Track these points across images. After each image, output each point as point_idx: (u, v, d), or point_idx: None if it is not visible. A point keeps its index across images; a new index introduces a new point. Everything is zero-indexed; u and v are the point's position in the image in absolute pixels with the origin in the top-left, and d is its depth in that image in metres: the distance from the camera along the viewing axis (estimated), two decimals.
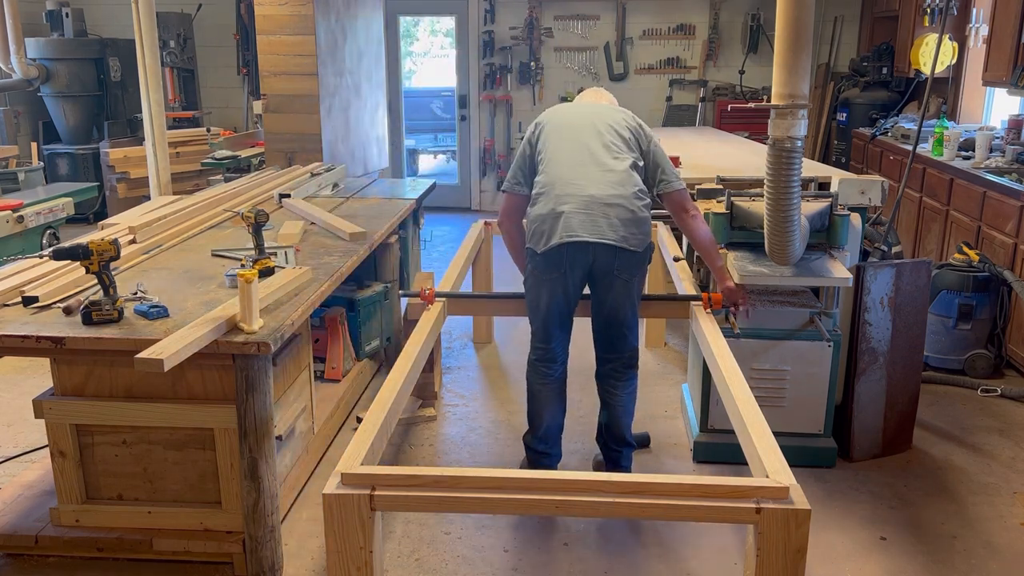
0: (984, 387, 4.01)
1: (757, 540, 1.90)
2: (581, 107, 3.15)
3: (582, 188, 2.82)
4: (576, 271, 2.86)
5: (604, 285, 2.90)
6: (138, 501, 2.69)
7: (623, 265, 2.85)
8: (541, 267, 2.87)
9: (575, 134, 2.95)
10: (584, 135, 2.94)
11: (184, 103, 7.99)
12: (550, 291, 2.90)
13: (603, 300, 2.94)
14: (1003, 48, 5.06)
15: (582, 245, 2.79)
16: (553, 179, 2.87)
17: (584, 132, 2.95)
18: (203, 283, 2.88)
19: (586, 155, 2.89)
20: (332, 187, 4.81)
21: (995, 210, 4.44)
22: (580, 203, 2.80)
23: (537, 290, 2.93)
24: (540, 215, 2.85)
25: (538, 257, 2.86)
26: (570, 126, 2.99)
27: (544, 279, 2.89)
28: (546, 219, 2.83)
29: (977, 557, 2.76)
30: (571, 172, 2.86)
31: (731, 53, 8.02)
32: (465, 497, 1.98)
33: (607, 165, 2.87)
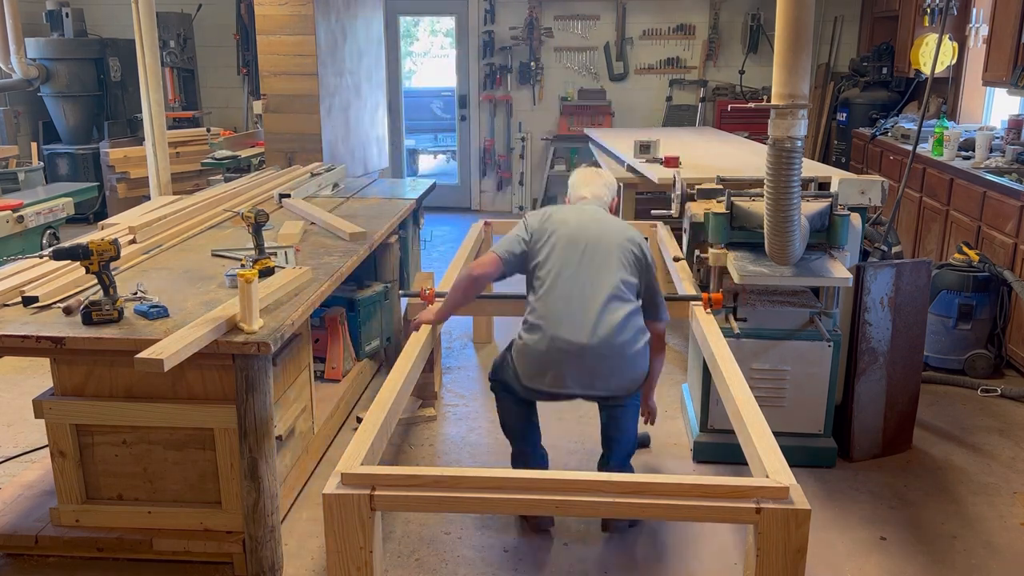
0: (984, 387, 4.01)
1: (757, 540, 1.90)
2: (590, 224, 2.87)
3: (577, 335, 2.65)
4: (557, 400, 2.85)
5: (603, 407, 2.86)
6: (138, 501, 2.69)
7: (616, 403, 2.81)
8: (521, 393, 2.82)
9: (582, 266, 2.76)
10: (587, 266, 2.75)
11: (184, 103, 7.99)
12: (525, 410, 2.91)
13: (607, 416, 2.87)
14: (1003, 48, 5.06)
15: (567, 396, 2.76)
16: (549, 312, 2.70)
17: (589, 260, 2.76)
18: (203, 283, 2.88)
19: (587, 292, 2.71)
20: (332, 187, 4.81)
21: (995, 210, 4.44)
22: (575, 352, 2.65)
23: (512, 408, 2.91)
24: (530, 348, 2.72)
25: (520, 384, 2.78)
26: (575, 248, 2.78)
27: (522, 401, 2.87)
28: (539, 358, 2.70)
29: (977, 557, 2.76)
30: (568, 310, 2.69)
31: (731, 53, 8.02)
32: (465, 497, 1.98)
33: (606, 311, 2.69)
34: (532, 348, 2.73)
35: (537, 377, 2.73)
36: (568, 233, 2.82)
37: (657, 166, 4.84)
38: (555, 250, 2.80)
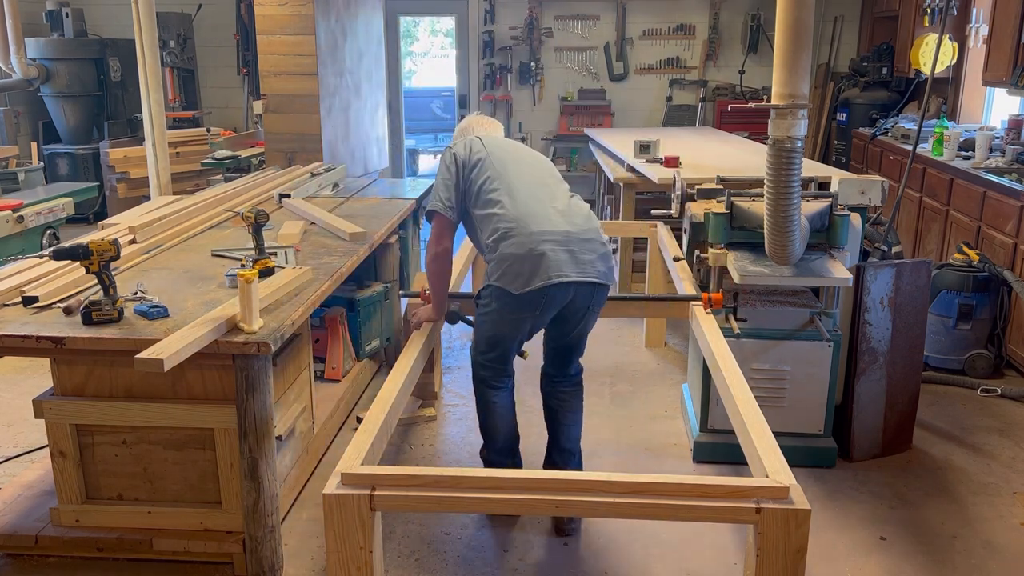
0: (984, 387, 4.01)
1: (757, 540, 1.90)
2: (510, 143, 2.99)
3: (556, 224, 2.68)
4: (551, 310, 2.74)
5: (574, 320, 2.81)
6: (138, 501, 2.69)
7: (597, 301, 2.80)
8: (512, 306, 2.70)
9: (527, 169, 2.85)
10: (536, 171, 2.87)
11: (184, 103, 7.99)
12: (518, 328, 2.77)
13: (568, 331, 2.85)
14: (1003, 48, 5.06)
15: (565, 285, 2.67)
16: (520, 215, 2.69)
17: (535, 168, 2.88)
18: (203, 283, 2.88)
19: (547, 192, 2.79)
20: (332, 187, 4.81)
21: (995, 210, 4.44)
22: (560, 240, 2.67)
23: (501, 326, 2.78)
24: (515, 255, 2.65)
25: (510, 297, 2.68)
26: (516, 160, 2.86)
27: (512, 318, 2.74)
28: (524, 259, 2.64)
29: (977, 557, 2.76)
30: (539, 208, 2.72)
31: (731, 53, 8.02)
32: (465, 497, 1.98)
33: (571, 202, 2.80)
34: (514, 249, 2.66)
35: (533, 276, 2.63)
36: (499, 152, 2.87)
37: (657, 166, 4.84)
38: (495, 167, 2.82)
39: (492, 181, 2.80)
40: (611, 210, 6.09)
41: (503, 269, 2.68)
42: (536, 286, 2.63)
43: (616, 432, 3.62)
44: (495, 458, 3.01)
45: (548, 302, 2.69)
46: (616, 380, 4.18)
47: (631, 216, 5.10)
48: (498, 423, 2.95)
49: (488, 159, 2.85)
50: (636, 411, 3.84)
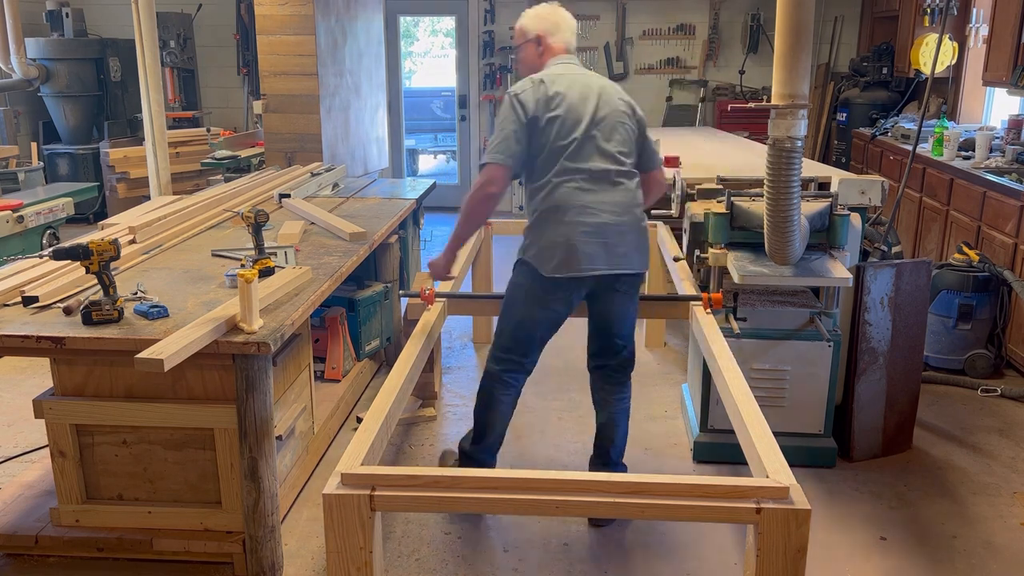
0: (984, 387, 4.01)
1: (757, 540, 1.90)
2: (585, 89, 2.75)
3: (596, 216, 2.68)
4: (579, 296, 2.79)
5: (604, 299, 2.84)
6: (138, 501, 2.69)
7: (625, 285, 2.82)
8: (541, 288, 2.73)
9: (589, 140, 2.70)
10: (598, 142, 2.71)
11: (184, 103, 7.99)
12: (546, 314, 2.78)
13: (601, 311, 2.88)
14: (1003, 48, 5.06)
15: (592, 276, 2.71)
16: (566, 200, 2.68)
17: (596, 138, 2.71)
18: (203, 283, 2.88)
19: (599, 173, 2.70)
20: (332, 187, 4.81)
21: (995, 210, 4.44)
22: (595, 232, 2.68)
23: (531, 309, 2.78)
24: (551, 240, 2.68)
25: (541, 279, 2.71)
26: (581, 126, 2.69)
27: (540, 298, 2.75)
28: (557, 247, 2.67)
29: (977, 557, 2.76)
30: (585, 196, 2.68)
31: (731, 53, 8.02)
32: (465, 497, 1.98)
33: (619, 186, 2.74)
34: (550, 233, 2.68)
35: (563, 265, 2.66)
36: (571, 112, 2.69)
37: None
38: (559, 133, 2.68)
39: (551, 148, 2.69)
40: None
41: (538, 249, 2.72)
42: (564, 275, 2.68)
43: None
44: (479, 455, 2.98)
45: (576, 289, 2.75)
46: None
47: None
48: (495, 422, 2.94)
49: (556, 122, 2.68)
50: (636, 411, 3.82)
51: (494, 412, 2.92)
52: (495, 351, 2.90)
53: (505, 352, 2.87)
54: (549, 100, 2.70)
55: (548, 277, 2.70)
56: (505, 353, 2.87)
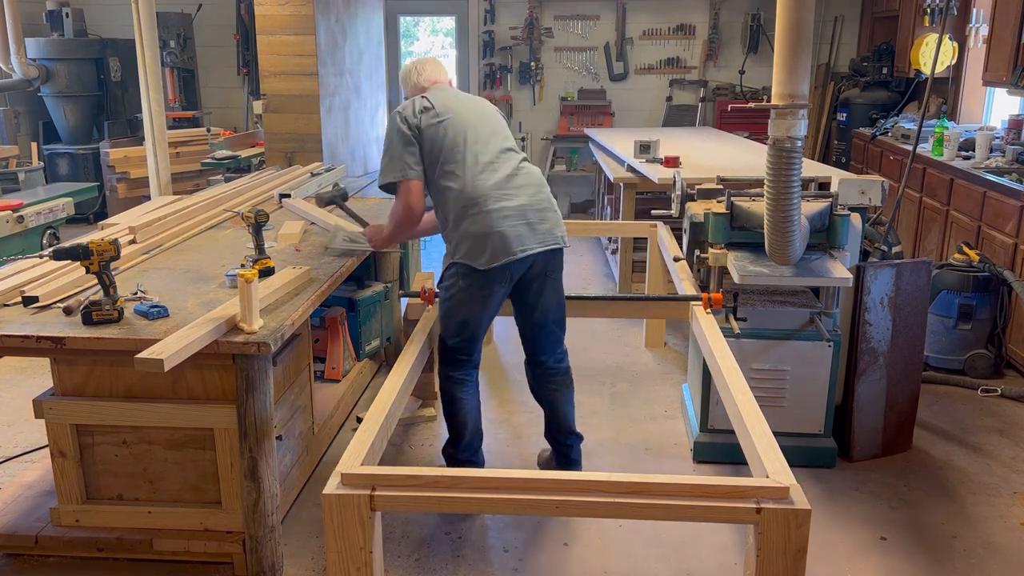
0: (984, 387, 4.01)
1: (757, 540, 1.90)
2: (463, 101, 2.92)
3: (514, 200, 2.76)
4: (513, 281, 2.84)
5: (535, 289, 2.88)
6: (138, 501, 2.69)
7: (554, 265, 2.88)
8: (479, 284, 2.77)
9: (480, 135, 2.83)
10: (491, 139, 2.85)
11: (184, 103, 7.99)
12: (485, 307, 2.84)
13: (534, 304, 2.92)
14: (1003, 48, 5.06)
15: (525, 257, 2.76)
16: (480, 192, 2.74)
17: (489, 135, 2.85)
18: (203, 283, 2.88)
19: (503, 162, 2.82)
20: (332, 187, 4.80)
21: (995, 210, 4.44)
22: (517, 215, 2.75)
23: (470, 306, 2.83)
24: (476, 233, 2.73)
25: (476, 274, 2.75)
26: (471, 127, 2.82)
27: (480, 295, 2.80)
28: (486, 237, 2.72)
29: (977, 557, 2.76)
30: (495, 182, 2.76)
31: (731, 53, 8.02)
32: (465, 497, 1.98)
33: (523, 170, 2.86)
34: (474, 228, 2.74)
35: (498, 253, 2.72)
36: (452, 117, 2.82)
37: (657, 166, 4.84)
38: (449, 135, 2.79)
39: (447, 151, 2.79)
40: (611, 210, 6.09)
41: (467, 247, 2.76)
42: (501, 262, 2.73)
43: (616, 432, 3.62)
44: (461, 455, 3.05)
45: (511, 274, 2.80)
46: (616, 380, 4.18)
47: (631, 216, 5.10)
48: (466, 420, 3.00)
49: (442, 126, 2.80)
50: (636, 411, 3.84)
51: (460, 412, 2.99)
52: (443, 355, 2.97)
53: (454, 354, 2.94)
54: (427, 112, 2.82)
55: (484, 270, 2.74)
56: (454, 355, 2.94)
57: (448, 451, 3.09)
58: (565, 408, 3.08)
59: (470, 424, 3.01)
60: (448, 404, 3.00)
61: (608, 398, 3.97)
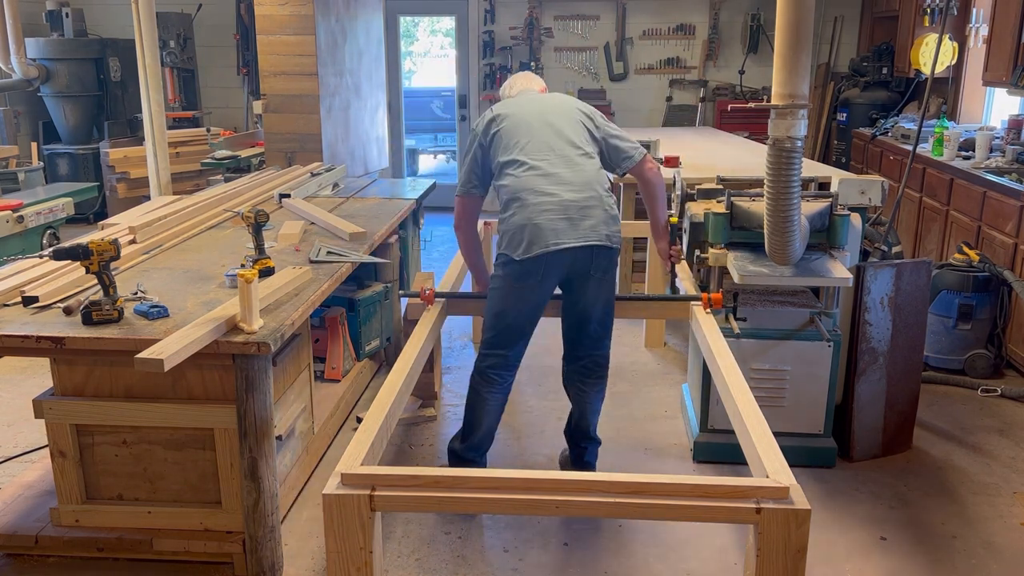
0: (984, 387, 4.01)
1: (757, 540, 1.90)
2: (533, 103, 3.02)
3: (556, 195, 2.77)
4: (552, 278, 2.82)
5: (579, 285, 2.87)
6: (138, 501, 2.69)
7: (600, 264, 2.84)
8: (515, 274, 2.80)
9: (535, 131, 2.89)
10: (547, 135, 2.89)
11: (184, 103, 7.98)
12: (522, 299, 2.84)
13: (576, 300, 2.91)
14: (1003, 48, 5.06)
15: (560, 253, 2.75)
16: (524, 186, 2.80)
17: (546, 132, 2.89)
18: (203, 283, 2.88)
19: (554, 158, 2.84)
20: (332, 187, 4.81)
21: (995, 210, 4.44)
22: (557, 210, 2.76)
23: (507, 298, 2.85)
24: (516, 225, 2.78)
25: (513, 264, 2.79)
26: (529, 126, 2.90)
27: (517, 286, 2.82)
28: (523, 229, 2.76)
29: (977, 557, 2.76)
30: (542, 180, 2.80)
31: (731, 53, 8.02)
32: (465, 497, 1.98)
33: (577, 166, 2.85)
34: (516, 220, 2.79)
35: (532, 244, 2.75)
36: (516, 118, 2.94)
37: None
38: (510, 134, 2.90)
39: (502, 154, 2.90)
40: None
41: (508, 238, 2.82)
42: (534, 253, 2.75)
43: (616, 432, 3.62)
44: (466, 454, 3.04)
45: (547, 269, 2.78)
46: (616, 380, 4.18)
47: (631, 216, 5.09)
48: (483, 420, 2.98)
49: (501, 131, 2.92)
50: (636, 411, 3.84)
51: (480, 410, 2.97)
52: (481, 348, 2.98)
53: (489, 347, 2.94)
54: (491, 121, 2.96)
55: (520, 260, 2.77)
56: (489, 348, 2.94)
57: (454, 445, 3.08)
58: (588, 411, 3.07)
59: (485, 426, 2.99)
60: (471, 398, 2.99)
61: (608, 398, 3.94)
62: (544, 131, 2.90)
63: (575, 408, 3.10)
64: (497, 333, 2.90)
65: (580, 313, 2.94)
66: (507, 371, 2.94)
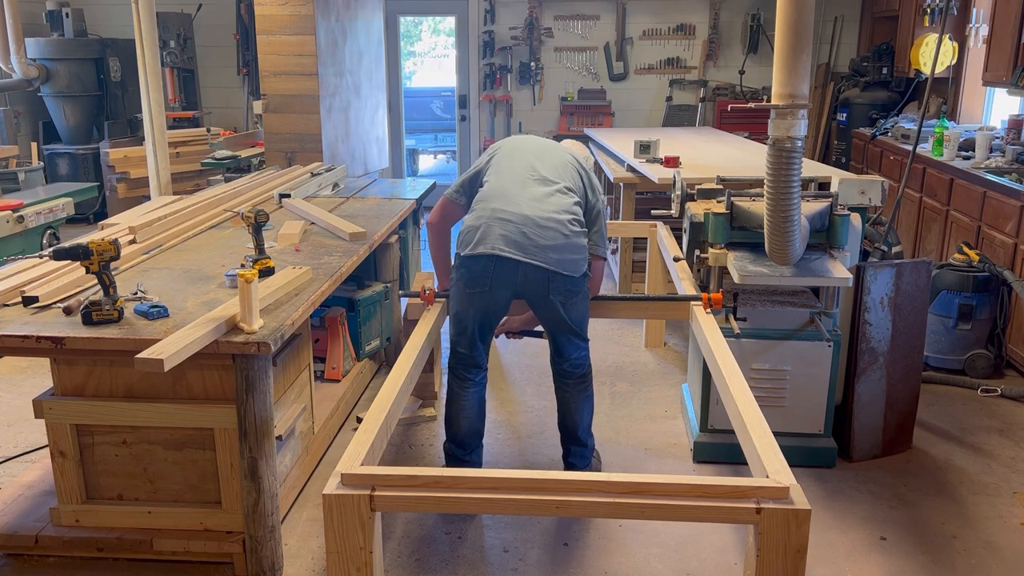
0: (984, 387, 4.01)
1: (757, 540, 1.90)
2: (536, 140, 3.16)
3: (518, 206, 2.81)
4: (502, 290, 2.82)
5: (540, 304, 2.90)
6: (138, 501, 2.69)
7: (559, 288, 2.82)
8: (465, 279, 2.84)
9: (523, 156, 3.00)
10: (532, 159, 2.99)
11: (184, 103, 7.99)
12: (473, 305, 2.87)
13: (545, 319, 2.95)
14: (1003, 48, 5.06)
15: (509, 263, 2.77)
16: (491, 192, 2.89)
17: (532, 156, 3.00)
18: (203, 283, 2.88)
19: (528, 177, 2.91)
20: (332, 187, 4.81)
21: (995, 210, 4.44)
22: (515, 220, 2.78)
23: (462, 304, 2.90)
24: (471, 225, 2.85)
25: (463, 266, 2.84)
26: (521, 150, 3.03)
27: (467, 292, 2.86)
28: (476, 229, 2.82)
29: (977, 557, 2.76)
30: (510, 188, 2.87)
31: (731, 53, 8.02)
32: (465, 497, 1.98)
33: (548, 189, 2.88)
34: (474, 220, 2.86)
35: (479, 243, 2.79)
36: (514, 144, 3.08)
37: (657, 166, 4.84)
38: (498, 159, 3.02)
39: (487, 173, 3.01)
40: (611, 210, 6.10)
41: (461, 237, 2.88)
42: (477, 251, 2.78)
43: (616, 432, 3.62)
44: (455, 452, 3.08)
45: (494, 280, 2.80)
46: (616, 380, 4.18)
47: (631, 216, 5.10)
48: (459, 416, 3.03)
49: (499, 154, 3.04)
50: (636, 411, 3.84)
51: (456, 407, 3.03)
52: (450, 346, 3.04)
53: (454, 346, 3.01)
54: (498, 146, 3.10)
55: (466, 256, 2.81)
56: (454, 347, 3.01)
57: (446, 446, 3.13)
58: (573, 412, 3.08)
59: (464, 424, 3.04)
60: (448, 398, 3.06)
61: (608, 398, 3.97)
62: (534, 159, 2.99)
63: (559, 407, 3.13)
64: (458, 333, 2.98)
65: (553, 328, 2.97)
66: (476, 368, 3.01)
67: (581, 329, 2.98)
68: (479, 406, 3.06)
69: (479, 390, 3.04)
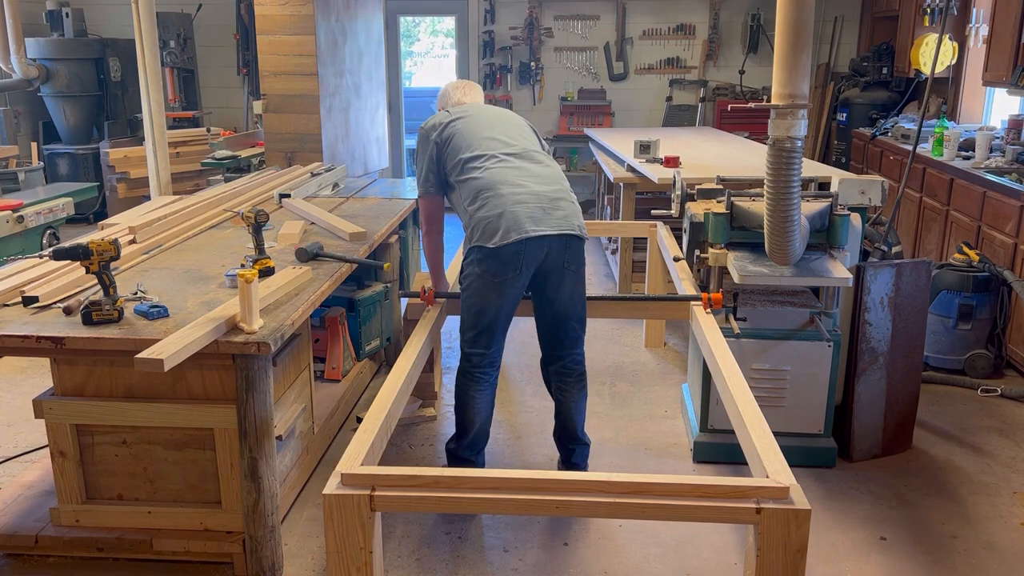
0: (984, 387, 4.01)
1: (757, 540, 1.90)
2: (488, 109, 3.15)
3: (527, 186, 2.83)
4: (529, 270, 2.81)
5: (554, 281, 2.86)
6: (138, 501, 2.69)
7: (573, 256, 2.86)
8: (493, 268, 2.77)
9: (501, 135, 2.98)
10: (510, 135, 3.00)
11: (184, 103, 7.99)
12: (502, 294, 2.81)
13: (553, 298, 2.90)
14: (1003, 48, 5.06)
15: (537, 242, 2.76)
16: (496, 178, 2.84)
17: (509, 133, 3.01)
18: (203, 283, 2.88)
19: (521, 154, 2.94)
20: (332, 187, 4.81)
21: (995, 210, 4.44)
22: (531, 200, 2.80)
23: (485, 294, 2.82)
24: (491, 215, 2.77)
25: (490, 257, 2.76)
26: (491, 125, 3.00)
27: (495, 282, 2.78)
28: (500, 217, 2.76)
29: (977, 557, 2.76)
30: (513, 172, 2.87)
31: (731, 53, 8.02)
32: (465, 497, 1.98)
33: (542, 164, 2.96)
34: (489, 212, 2.79)
35: (509, 231, 2.74)
36: (471, 121, 3.01)
37: (657, 166, 4.84)
38: (469, 135, 2.96)
39: (468, 149, 2.94)
40: (611, 210, 6.09)
41: (481, 229, 2.80)
42: (512, 239, 2.74)
43: (616, 432, 3.62)
44: (462, 453, 3.05)
45: (525, 259, 2.78)
46: (616, 380, 4.18)
47: (631, 216, 5.10)
48: (473, 420, 2.99)
49: (459, 130, 2.98)
50: (636, 411, 3.84)
51: (471, 410, 2.97)
52: (464, 348, 2.95)
53: (472, 346, 2.92)
54: (448, 121, 3.02)
55: (496, 248, 2.75)
56: (472, 347, 2.92)
57: (450, 446, 3.09)
58: (574, 413, 3.06)
59: (477, 424, 3.00)
60: (459, 399, 2.98)
61: (608, 398, 3.97)
62: (507, 131, 3.01)
63: (560, 410, 3.09)
64: (479, 332, 2.88)
65: (558, 312, 2.93)
66: (492, 368, 2.96)
67: (584, 311, 2.98)
68: (491, 406, 3.02)
69: (492, 389, 2.99)
